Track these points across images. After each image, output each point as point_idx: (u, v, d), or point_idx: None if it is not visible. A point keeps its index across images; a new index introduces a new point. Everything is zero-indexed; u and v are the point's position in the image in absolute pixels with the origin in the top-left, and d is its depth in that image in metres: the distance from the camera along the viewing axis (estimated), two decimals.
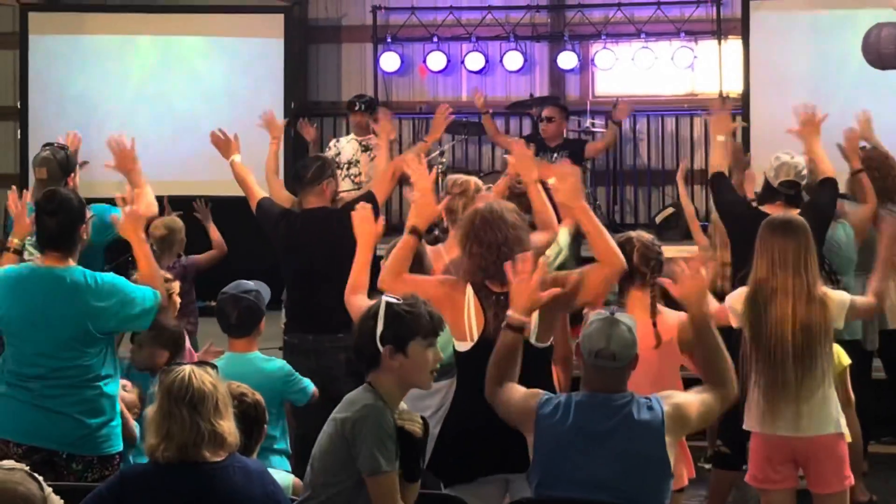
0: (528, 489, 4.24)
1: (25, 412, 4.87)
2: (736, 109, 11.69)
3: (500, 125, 12.22)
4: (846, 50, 10.06)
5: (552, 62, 12.45)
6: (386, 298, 3.99)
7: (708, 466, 6.72)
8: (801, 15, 11.26)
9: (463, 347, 4.70)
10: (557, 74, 12.51)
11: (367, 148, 10.10)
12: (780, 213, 6.12)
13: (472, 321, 4.66)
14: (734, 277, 6.68)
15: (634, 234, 5.36)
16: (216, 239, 8.56)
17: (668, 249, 5.51)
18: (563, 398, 4.15)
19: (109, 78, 11.95)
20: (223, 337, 5.62)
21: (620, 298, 5.21)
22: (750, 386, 5.14)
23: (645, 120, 12.27)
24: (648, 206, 12.30)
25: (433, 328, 3.96)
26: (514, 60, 12.28)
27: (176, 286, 6.04)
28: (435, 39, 12.41)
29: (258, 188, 6.71)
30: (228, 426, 3.73)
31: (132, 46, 12.01)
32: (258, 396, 4.52)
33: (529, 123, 12.09)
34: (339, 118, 12.25)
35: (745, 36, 11.42)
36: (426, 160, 7.43)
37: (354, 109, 10.26)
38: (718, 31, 12.00)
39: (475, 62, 12.33)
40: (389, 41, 12.49)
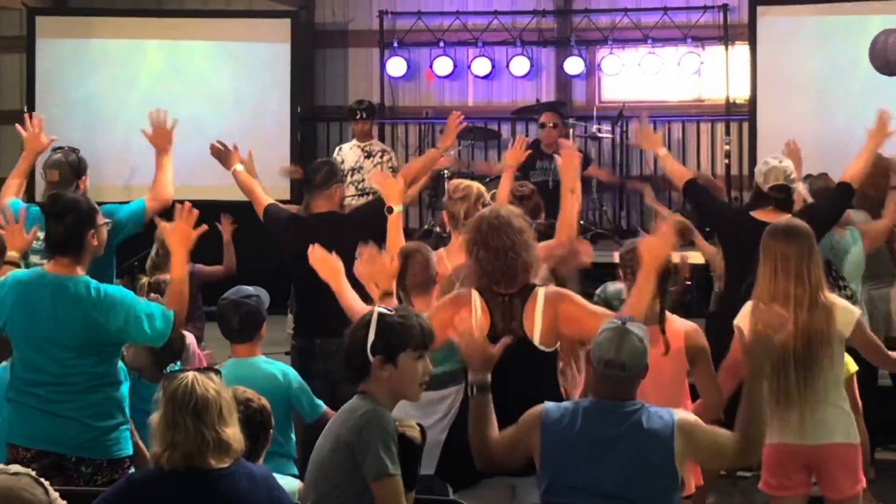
0: (533, 494, 4.24)
1: (33, 417, 4.86)
2: (742, 115, 11.75)
3: (506, 130, 12.23)
4: (854, 56, 10.03)
5: (559, 67, 12.45)
6: (378, 309, 3.99)
7: (748, 474, 6.69)
8: (808, 20, 11.25)
9: None
10: (564, 80, 12.51)
11: (369, 154, 10.10)
12: (771, 217, 6.09)
13: (478, 324, 4.67)
14: (727, 283, 6.69)
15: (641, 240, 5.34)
16: (229, 259, 8.50)
17: (674, 255, 5.48)
18: (569, 405, 4.14)
19: (116, 82, 11.95)
20: (227, 342, 5.61)
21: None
22: None
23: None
24: (654, 211, 12.24)
25: (424, 341, 3.95)
26: (520, 65, 12.28)
27: None
28: (441, 44, 12.42)
29: (263, 194, 6.70)
30: (233, 432, 3.72)
31: (139, 51, 12.02)
32: (264, 401, 4.50)
33: (535, 129, 12.06)
34: (345, 123, 12.22)
35: (752, 41, 11.41)
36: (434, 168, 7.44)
37: (356, 118, 10.25)
38: (725, 36, 11.99)
39: (481, 67, 12.34)
40: (396, 46, 12.50)
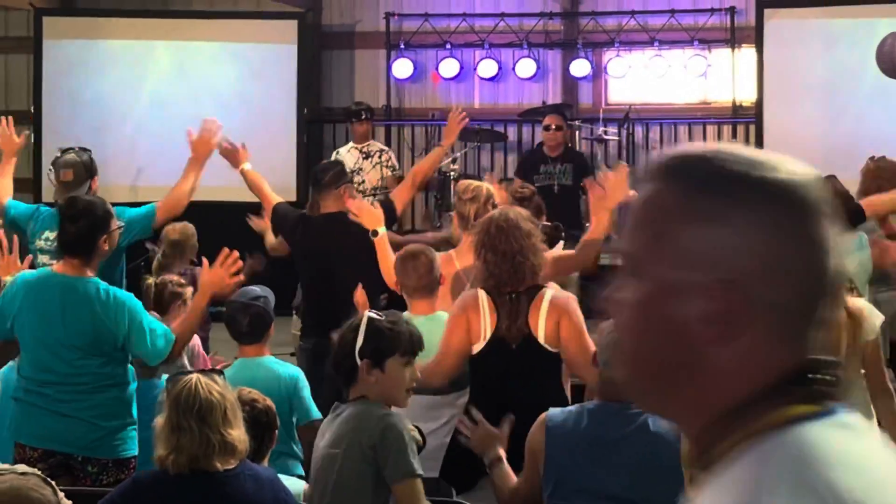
0: None
1: (40, 417, 4.88)
2: (748, 118, 11.74)
3: (512, 133, 12.23)
4: (861, 59, 10.03)
5: (565, 70, 12.44)
6: (368, 314, 3.99)
7: None
8: (815, 24, 11.24)
9: (476, 349, 4.77)
10: (570, 82, 12.50)
11: (368, 155, 10.11)
12: None
13: (486, 322, 4.75)
14: None
15: None
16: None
17: None
18: (574, 408, 4.15)
19: (123, 83, 11.95)
20: (233, 343, 5.61)
21: None
22: None
23: (657, 128, 12.24)
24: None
25: (412, 346, 3.95)
26: (526, 68, 12.27)
27: (188, 291, 6.04)
28: (448, 46, 12.41)
29: (272, 193, 6.70)
30: (238, 434, 3.72)
31: (146, 52, 12.02)
32: (269, 402, 4.51)
33: (542, 131, 12.05)
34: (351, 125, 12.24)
35: (758, 44, 11.40)
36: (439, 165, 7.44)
37: (361, 118, 10.27)
38: (732, 39, 11.98)
39: (488, 69, 12.33)
40: (402, 48, 12.49)
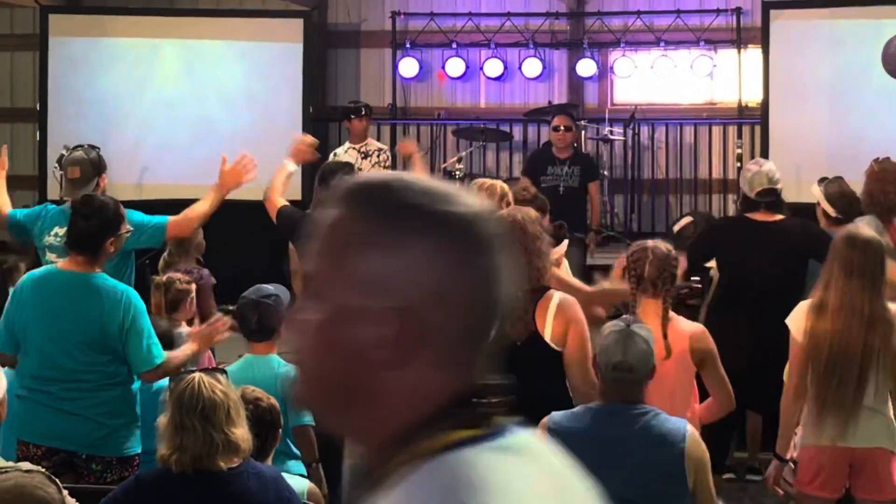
0: None
1: (45, 414, 4.89)
2: (754, 118, 11.73)
3: (517, 132, 12.23)
4: (867, 60, 10.01)
5: (571, 69, 12.43)
6: None
7: (758, 478, 6.68)
8: (821, 24, 11.22)
9: None
10: (576, 82, 12.49)
11: (366, 154, 10.12)
12: (765, 218, 6.32)
13: None
14: (719, 287, 6.73)
15: (651, 243, 5.31)
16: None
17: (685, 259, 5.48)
18: (577, 410, 4.14)
19: (129, 81, 11.94)
20: (241, 341, 5.62)
21: (633, 308, 5.17)
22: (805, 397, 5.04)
23: (663, 128, 12.23)
24: (666, 214, 12.25)
25: None
26: (532, 67, 12.26)
27: (193, 288, 6.05)
28: (454, 45, 12.40)
29: (281, 197, 6.64)
30: (241, 433, 3.73)
31: (152, 50, 12.01)
32: (273, 401, 4.51)
33: (547, 131, 12.06)
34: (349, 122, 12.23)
35: (764, 45, 11.38)
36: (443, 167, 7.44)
37: (361, 114, 10.29)
38: (738, 39, 11.96)
39: (494, 69, 12.32)
40: (408, 47, 12.49)
